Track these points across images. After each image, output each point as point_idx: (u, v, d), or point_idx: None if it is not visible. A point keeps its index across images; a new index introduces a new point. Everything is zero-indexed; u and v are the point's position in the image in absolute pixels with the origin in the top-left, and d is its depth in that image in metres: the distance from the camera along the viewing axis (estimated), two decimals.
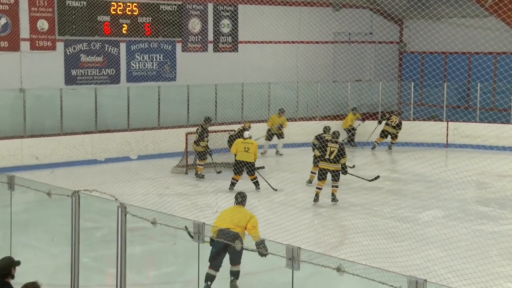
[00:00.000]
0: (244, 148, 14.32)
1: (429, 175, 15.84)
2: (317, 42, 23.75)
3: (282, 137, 19.38)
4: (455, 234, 10.80)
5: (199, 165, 15.98)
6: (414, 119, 22.07)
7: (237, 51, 22.21)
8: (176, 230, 6.05)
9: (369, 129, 20.52)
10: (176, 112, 19.48)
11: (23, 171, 15.38)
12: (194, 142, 16.02)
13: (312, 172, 14.99)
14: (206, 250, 9.60)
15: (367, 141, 20.49)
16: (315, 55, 23.64)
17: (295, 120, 21.23)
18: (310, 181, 15.01)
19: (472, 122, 21.06)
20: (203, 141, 15.90)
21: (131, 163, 17.53)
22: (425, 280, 4.69)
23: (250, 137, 14.65)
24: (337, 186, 13.29)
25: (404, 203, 13.35)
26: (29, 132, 17.29)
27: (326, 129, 16.40)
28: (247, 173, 14.40)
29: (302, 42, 23.44)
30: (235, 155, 14.58)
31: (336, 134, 13.56)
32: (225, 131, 17.68)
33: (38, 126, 17.46)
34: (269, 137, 19.36)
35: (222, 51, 21.91)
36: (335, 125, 20.43)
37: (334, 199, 13.22)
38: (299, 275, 7.71)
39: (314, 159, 14.57)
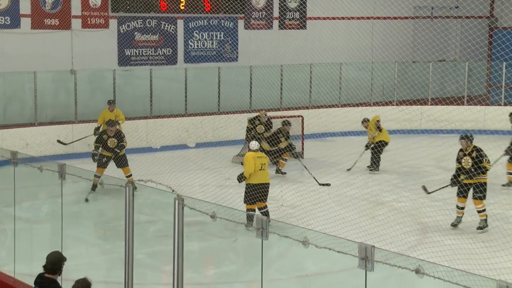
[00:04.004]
0: (261, 165, 11.43)
1: None
2: (395, 18, 23.41)
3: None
4: None
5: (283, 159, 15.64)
6: (505, 104, 21.55)
7: (305, 28, 22.13)
8: (238, 225, 6.10)
9: None
10: (237, 95, 19.58)
11: (74, 159, 15.77)
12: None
13: (509, 173, 14.67)
14: (270, 248, 9.65)
15: None
16: (392, 33, 23.30)
17: (370, 105, 21.03)
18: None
19: None
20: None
21: (188, 152, 17.73)
22: None
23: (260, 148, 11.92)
24: None
25: (493, 199, 13.06)
26: (80, 116, 17.70)
27: None
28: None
29: (378, 18, 23.17)
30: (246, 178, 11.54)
31: None
32: (290, 116, 17.66)
33: (90, 110, 17.84)
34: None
35: (289, 28, 21.87)
36: (413, 110, 20.17)
37: None
38: (373, 277, 7.62)
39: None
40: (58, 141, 16.45)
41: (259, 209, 11.20)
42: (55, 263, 6.11)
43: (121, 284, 6.42)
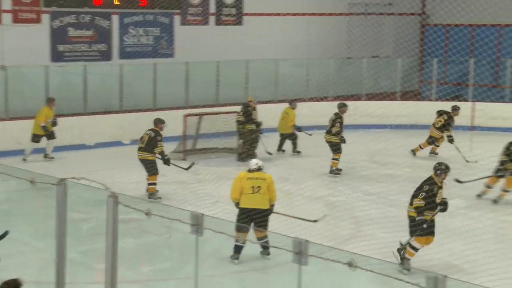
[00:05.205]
0: (253, 187, 9.75)
1: (452, 161, 15.82)
2: (330, 14, 23.67)
3: (54, 137, 16.24)
4: (479, 226, 10.83)
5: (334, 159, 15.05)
6: (436, 99, 22.03)
7: (242, 24, 22.17)
8: (172, 222, 6.10)
9: None
10: (174, 92, 19.49)
11: (4, 157, 15.45)
12: (327, 132, 15.38)
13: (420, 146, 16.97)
14: (205, 244, 9.64)
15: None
16: (327, 29, 23.55)
17: (305, 101, 21.20)
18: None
19: (501, 102, 21.00)
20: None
21: (123, 148, 17.57)
22: (445, 276, 4.72)
23: (260, 168, 9.93)
24: None
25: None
26: (11, 114, 17.33)
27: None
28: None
29: (314, 14, 23.37)
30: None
31: None
32: (227, 113, 17.69)
33: (22, 108, 17.49)
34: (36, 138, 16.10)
35: (225, 24, 21.87)
36: (348, 106, 20.42)
37: None
38: (307, 271, 7.69)
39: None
40: None
41: (258, 239, 9.55)
42: None
43: (53, 284, 6.34)
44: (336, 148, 15.01)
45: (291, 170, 15.11)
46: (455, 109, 16.79)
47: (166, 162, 13.08)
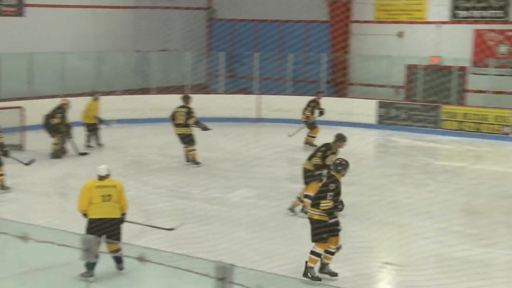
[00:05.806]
0: (102, 196, 8.93)
1: (238, 152, 16.34)
2: (117, 7, 23.40)
3: None
4: (265, 214, 11.26)
5: None
6: (224, 92, 22.60)
7: (24, 15, 21.28)
8: None
9: None
10: None
11: None
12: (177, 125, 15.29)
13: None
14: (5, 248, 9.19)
15: None
16: (115, 22, 23.27)
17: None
18: None
19: (284, 94, 21.99)
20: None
21: None
22: (232, 265, 4.88)
23: (108, 175, 9.17)
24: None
25: (213, 184, 13.65)
26: None
27: None
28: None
29: (100, 6, 22.96)
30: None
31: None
32: (11, 107, 16.93)
33: None
34: None
35: (5, 15, 20.87)
36: (136, 99, 20.39)
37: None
38: (98, 268, 7.58)
39: None
40: None
41: (111, 252, 8.59)
42: None
43: None
44: (190, 139, 15.14)
45: (80, 165, 14.78)
46: (319, 92, 18.14)
47: (6, 154, 12.83)
